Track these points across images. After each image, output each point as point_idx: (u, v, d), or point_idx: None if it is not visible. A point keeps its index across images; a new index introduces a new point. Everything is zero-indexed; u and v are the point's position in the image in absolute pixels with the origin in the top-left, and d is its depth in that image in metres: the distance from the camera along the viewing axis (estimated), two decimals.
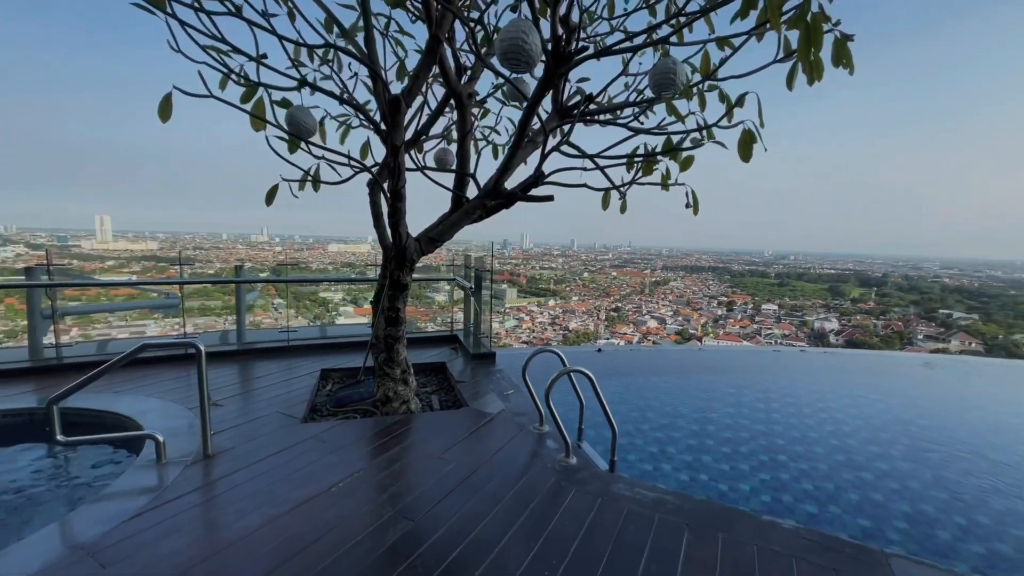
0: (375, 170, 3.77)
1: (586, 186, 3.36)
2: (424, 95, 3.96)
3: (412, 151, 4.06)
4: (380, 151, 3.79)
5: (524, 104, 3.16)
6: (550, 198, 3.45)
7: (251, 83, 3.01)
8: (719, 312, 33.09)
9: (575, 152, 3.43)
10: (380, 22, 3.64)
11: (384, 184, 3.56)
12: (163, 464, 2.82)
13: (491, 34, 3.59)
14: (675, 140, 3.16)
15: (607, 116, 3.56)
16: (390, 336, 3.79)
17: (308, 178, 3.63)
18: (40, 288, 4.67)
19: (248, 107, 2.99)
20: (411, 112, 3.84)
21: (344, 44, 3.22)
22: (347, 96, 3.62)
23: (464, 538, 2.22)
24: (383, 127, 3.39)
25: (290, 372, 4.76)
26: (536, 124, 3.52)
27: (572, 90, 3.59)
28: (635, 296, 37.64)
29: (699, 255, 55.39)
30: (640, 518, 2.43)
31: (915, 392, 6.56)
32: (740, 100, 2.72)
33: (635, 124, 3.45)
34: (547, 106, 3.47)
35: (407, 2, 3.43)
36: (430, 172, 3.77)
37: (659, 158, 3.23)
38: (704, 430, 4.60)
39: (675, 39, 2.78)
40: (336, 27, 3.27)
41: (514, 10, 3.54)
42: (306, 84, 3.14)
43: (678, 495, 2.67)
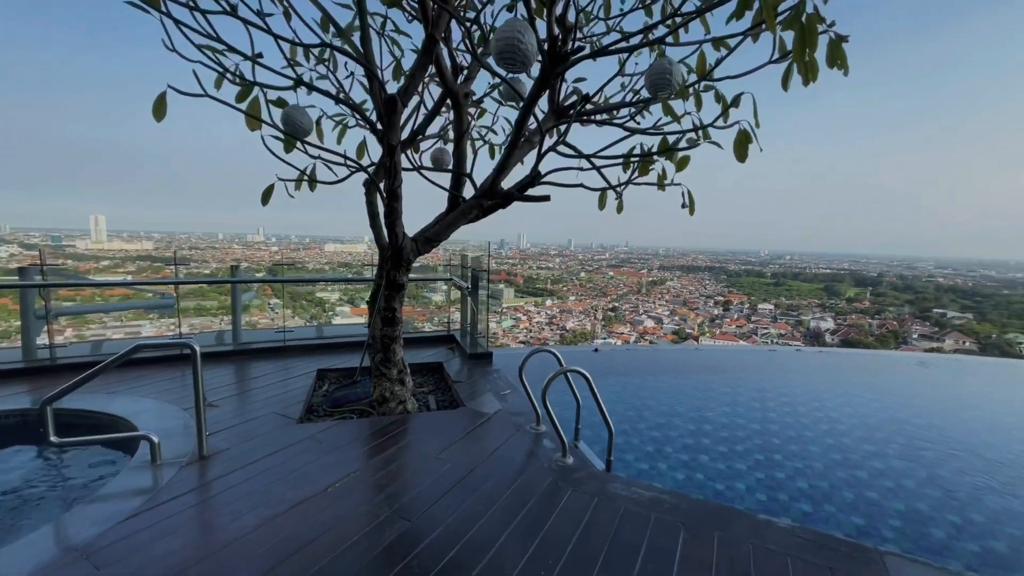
0: (371, 170, 3.76)
1: (583, 186, 3.37)
2: (420, 95, 3.96)
3: (408, 151, 4.06)
4: (376, 151, 3.79)
5: (520, 104, 3.16)
6: (547, 198, 3.45)
7: (247, 82, 3.00)
8: (715, 312, 33.21)
9: (571, 152, 3.44)
10: (376, 21, 3.64)
11: (380, 184, 3.55)
12: (158, 465, 2.80)
13: (487, 34, 3.59)
14: (671, 140, 3.18)
15: (603, 116, 3.57)
16: (387, 336, 3.79)
17: (304, 178, 3.62)
18: (34, 288, 4.64)
19: (243, 106, 2.99)
20: (407, 112, 3.84)
21: (340, 43, 3.21)
22: (343, 96, 3.61)
23: (461, 538, 2.22)
24: (379, 127, 3.39)
25: (286, 372, 4.74)
26: (532, 124, 3.53)
27: (568, 90, 3.60)
28: (632, 296, 37.74)
29: (696, 255, 55.59)
30: (636, 517, 2.43)
31: (910, 391, 6.59)
32: (736, 100, 2.74)
33: (631, 124, 3.46)
34: (543, 106, 3.48)
35: (403, 1, 3.43)
36: (426, 172, 3.77)
37: (655, 158, 3.24)
38: (700, 429, 4.61)
39: (671, 39, 2.79)
40: (332, 26, 3.27)
41: (510, 10, 3.55)
42: (302, 83, 3.13)
43: (674, 494, 2.68)
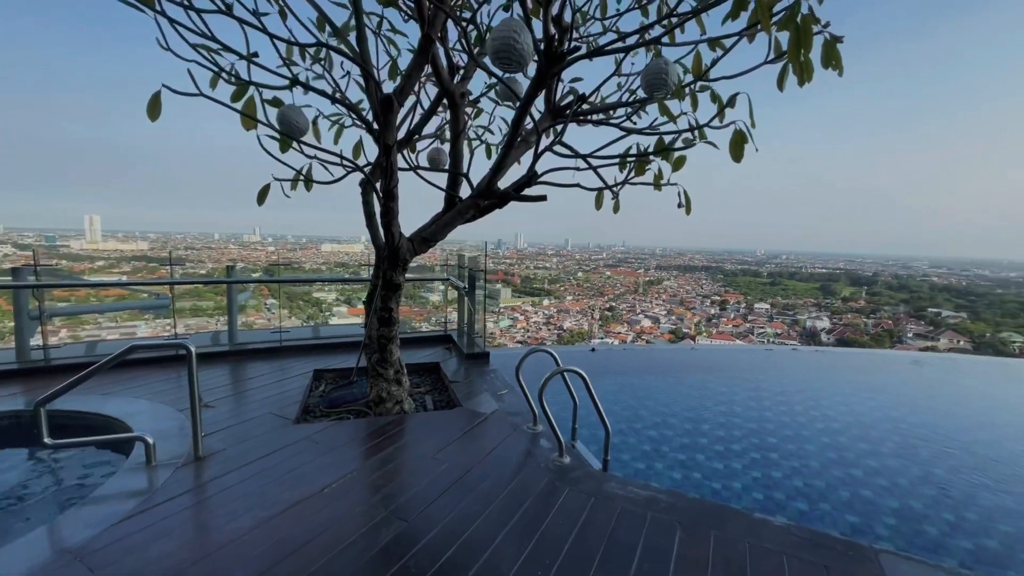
0: (368, 170, 3.75)
1: (579, 186, 3.37)
2: (417, 94, 3.95)
3: (405, 151, 4.05)
4: (373, 150, 3.78)
5: (517, 104, 3.16)
6: (543, 198, 3.46)
7: (242, 82, 2.99)
8: (712, 311, 33.28)
9: (568, 152, 3.44)
10: (372, 21, 3.63)
11: (377, 184, 3.55)
12: (153, 466, 2.78)
13: (484, 33, 3.59)
14: (667, 140, 3.19)
15: (600, 116, 3.58)
16: (383, 336, 3.78)
17: (300, 178, 3.61)
18: (27, 289, 4.61)
19: (239, 106, 2.97)
20: (404, 111, 3.83)
21: (336, 43, 3.20)
22: (339, 95, 3.60)
23: (457, 538, 2.22)
24: (375, 126, 3.38)
25: (283, 373, 4.73)
26: (529, 124, 3.53)
27: (565, 90, 3.60)
28: (629, 295, 37.79)
29: (692, 255, 55.74)
30: (633, 517, 2.44)
31: (904, 390, 6.63)
32: (731, 100, 2.75)
33: (627, 124, 3.47)
34: (540, 106, 3.48)
35: (399, 1, 3.42)
36: (423, 172, 3.77)
37: (651, 158, 3.25)
38: (697, 428, 4.62)
39: (667, 40, 2.80)
40: (328, 26, 3.26)
41: (506, 9, 3.54)
42: (298, 83, 3.12)
43: (671, 493, 2.69)
